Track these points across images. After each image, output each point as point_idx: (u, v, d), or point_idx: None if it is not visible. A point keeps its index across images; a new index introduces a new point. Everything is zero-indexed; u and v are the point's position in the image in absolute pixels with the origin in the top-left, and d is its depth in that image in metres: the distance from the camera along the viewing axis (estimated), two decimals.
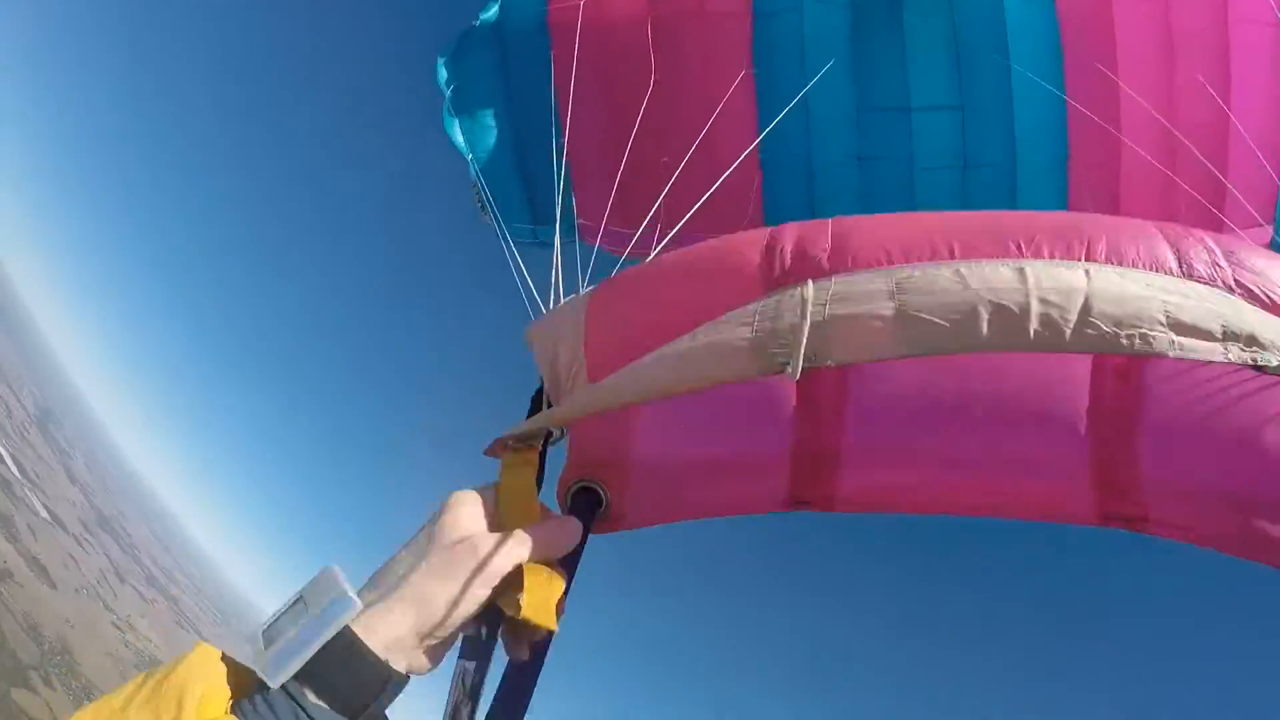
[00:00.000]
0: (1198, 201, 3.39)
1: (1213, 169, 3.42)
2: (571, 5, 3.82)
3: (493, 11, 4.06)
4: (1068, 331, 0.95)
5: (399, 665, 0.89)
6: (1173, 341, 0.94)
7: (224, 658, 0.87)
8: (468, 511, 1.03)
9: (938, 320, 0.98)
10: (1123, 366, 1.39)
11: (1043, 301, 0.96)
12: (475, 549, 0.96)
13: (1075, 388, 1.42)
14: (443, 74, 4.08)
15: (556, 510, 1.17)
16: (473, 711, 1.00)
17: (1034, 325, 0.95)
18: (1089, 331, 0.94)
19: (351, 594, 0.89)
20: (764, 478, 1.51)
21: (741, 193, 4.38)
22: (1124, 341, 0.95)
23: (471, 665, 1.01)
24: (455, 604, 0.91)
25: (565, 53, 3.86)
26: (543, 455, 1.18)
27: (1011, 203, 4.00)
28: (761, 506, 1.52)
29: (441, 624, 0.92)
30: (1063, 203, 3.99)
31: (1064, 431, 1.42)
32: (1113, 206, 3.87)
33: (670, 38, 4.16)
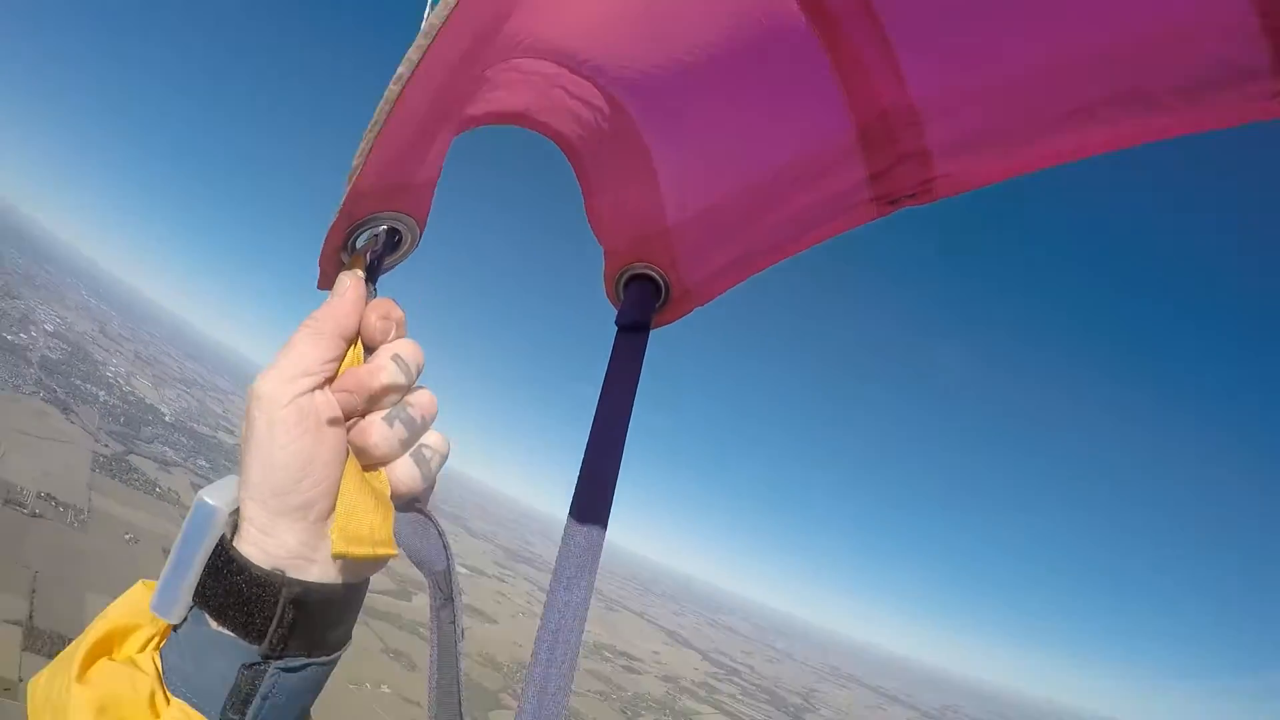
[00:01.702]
0: None
1: None
2: None
3: None
4: None
5: (300, 574, 0.73)
6: None
7: None
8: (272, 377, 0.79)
9: None
10: None
11: None
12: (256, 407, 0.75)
13: None
14: None
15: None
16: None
17: None
18: None
19: (209, 499, 0.73)
20: (836, 177, 1.15)
21: None
22: None
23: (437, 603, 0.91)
24: (273, 475, 0.73)
25: None
26: (373, 267, 0.86)
27: None
28: (847, 217, 1.17)
29: (301, 508, 0.74)
30: None
31: None
32: None
33: None
